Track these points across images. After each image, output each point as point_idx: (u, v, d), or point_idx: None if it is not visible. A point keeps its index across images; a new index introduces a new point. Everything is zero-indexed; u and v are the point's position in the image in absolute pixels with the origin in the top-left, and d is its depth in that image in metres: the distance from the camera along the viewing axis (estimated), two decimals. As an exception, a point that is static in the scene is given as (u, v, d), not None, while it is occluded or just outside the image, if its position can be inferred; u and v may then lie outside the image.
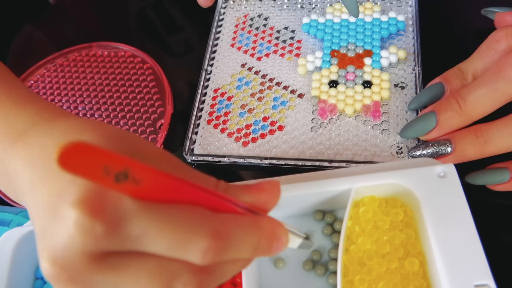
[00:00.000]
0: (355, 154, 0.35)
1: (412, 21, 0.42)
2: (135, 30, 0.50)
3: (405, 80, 0.38)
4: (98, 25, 0.52)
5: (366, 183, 0.29)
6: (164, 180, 0.19)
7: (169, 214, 0.19)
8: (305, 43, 0.43)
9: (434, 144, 0.32)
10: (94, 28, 0.52)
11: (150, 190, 0.18)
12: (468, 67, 0.33)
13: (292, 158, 0.36)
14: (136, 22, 0.51)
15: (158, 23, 0.50)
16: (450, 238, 0.26)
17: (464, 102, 0.30)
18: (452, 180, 0.27)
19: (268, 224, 0.22)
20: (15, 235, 0.31)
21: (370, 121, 0.37)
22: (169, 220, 0.19)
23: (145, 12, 0.52)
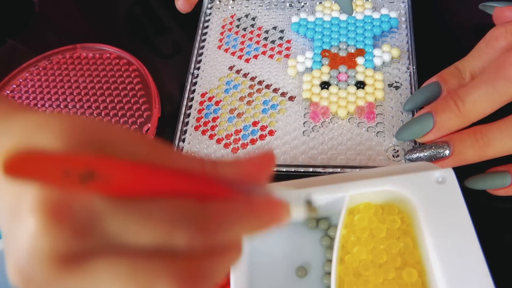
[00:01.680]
0: (350, 159, 0.35)
1: (405, 18, 0.41)
2: (121, 32, 0.49)
3: (400, 79, 0.38)
4: (83, 28, 0.51)
5: (361, 190, 0.28)
6: (139, 173, 0.17)
7: (148, 210, 0.17)
8: (295, 43, 0.42)
9: (432, 147, 0.31)
10: (79, 31, 0.51)
11: (124, 185, 0.17)
12: (465, 65, 0.32)
13: (284, 165, 0.35)
14: (122, 23, 0.50)
15: (145, 24, 0.49)
16: (450, 247, 0.25)
17: (462, 102, 0.29)
18: (451, 186, 0.27)
19: (266, 207, 0.20)
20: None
21: (364, 123, 0.36)
22: (149, 214, 0.17)
23: (131, 13, 0.51)
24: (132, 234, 0.17)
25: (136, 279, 0.17)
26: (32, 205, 0.16)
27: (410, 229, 0.29)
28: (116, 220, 0.17)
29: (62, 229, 0.16)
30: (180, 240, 0.18)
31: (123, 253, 0.17)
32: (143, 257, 0.18)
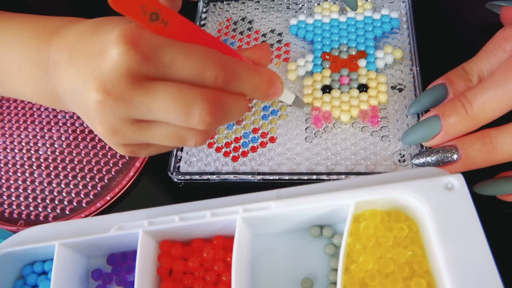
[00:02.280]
0: (355, 164, 0.34)
1: (406, 18, 0.40)
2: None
3: (403, 81, 0.37)
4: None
5: (367, 197, 0.28)
6: (186, 24, 0.25)
7: (190, 48, 0.24)
8: (294, 46, 0.41)
9: (439, 151, 0.31)
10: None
11: (175, 31, 0.24)
12: (473, 67, 0.31)
13: (286, 173, 0.34)
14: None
15: None
16: (460, 256, 0.24)
17: (470, 105, 0.29)
18: (461, 193, 0.26)
19: (267, 71, 0.27)
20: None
21: (368, 127, 0.35)
22: (190, 52, 0.24)
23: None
24: (178, 65, 0.24)
25: (181, 98, 0.24)
26: (117, 38, 0.24)
27: (418, 237, 0.28)
28: (170, 52, 0.24)
29: (136, 53, 0.23)
30: (210, 74, 0.25)
31: (173, 80, 0.25)
32: (185, 84, 0.24)
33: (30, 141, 0.40)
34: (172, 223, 0.28)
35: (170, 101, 0.24)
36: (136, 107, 0.24)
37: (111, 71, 0.24)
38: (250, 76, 0.26)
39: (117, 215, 0.30)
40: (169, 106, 0.24)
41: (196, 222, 0.28)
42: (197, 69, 0.24)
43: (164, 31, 0.24)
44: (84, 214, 0.36)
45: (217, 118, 0.25)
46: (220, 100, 0.25)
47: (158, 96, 0.24)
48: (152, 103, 0.24)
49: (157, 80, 0.25)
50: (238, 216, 0.28)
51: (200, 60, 0.24)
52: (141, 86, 0.24)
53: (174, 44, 0.24)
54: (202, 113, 0.24)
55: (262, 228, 0.30)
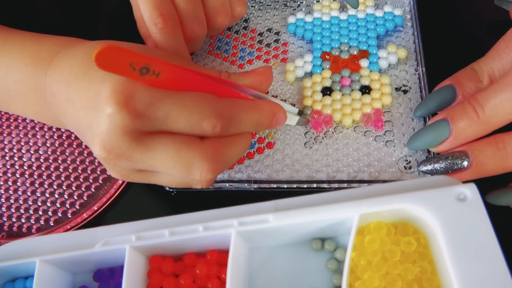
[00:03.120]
0: (358, 171, 0.32)
1: (410, 15, 0.38)
2: (105, 33, 0.46)
3: (408, 82, 0.35)
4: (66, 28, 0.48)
5: (372, 209, 0.26)
6: (178, 72, 0.25)
7: (185, 99, 0.25)
8: (292, 46, 0.39)
9: (448, 157, 0.29)
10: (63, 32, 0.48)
11: (168, 80, 0.24)
12: (483, 67, 0.29)
13: (285, 181, 0.33)
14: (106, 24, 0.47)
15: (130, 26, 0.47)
16: (474, 273, 0.23)
17: (482, 108, 0.27)
18: (475, 204, 0.24)
19: (267, 105, 0.28)
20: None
21: (372, 132, 0.33)
22: (185, 103, 0.25)
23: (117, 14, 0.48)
24: (173, 118, 0.25)
25: (180, 158, 0.25)
26: (108, 95, 0.24)
27: (428, 251, 0.26)
28: (163, 106, 0.24)
29: (128, 113, 0.24)
30: (207, 125, 0.25)
31: (170, 136, 0.25)
32: (183, 142, 0.25)
33: (14, 147, 0.38)
34: (161, 238, 0.27)
35: (169, 161, 0.25)
36: (138, 163, 0.26)
37: (108, 131, 0.24)
38: (249, 115, 0.27)
39: (103, 229, 0.29)
40: (169, 165, 0.25)
41: (188, 236, 0.26)
42: (193, 121, 0.25)
43: (156, 82, 0.24)
44: (70, 225, 0.34)
45: (218, 171, 0.26)
46: (219, 153, 0.26)
47: (157, 155, 0.25)
48: (152, 161, 0.25)
49: (156, 134, 0.25)
50: (232, 230, 0.26)
51: (195, 111, 0.25)
52: (140, 143, 0.25)
53: (168, 97, 0.25)
54: (202, 173, 0.26)
55: (259, 242, 0.28)
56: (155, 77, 0.24)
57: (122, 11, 0.48)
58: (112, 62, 0.22)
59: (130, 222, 0.29)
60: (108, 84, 0.24)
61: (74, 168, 0.36)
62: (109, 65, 0.22)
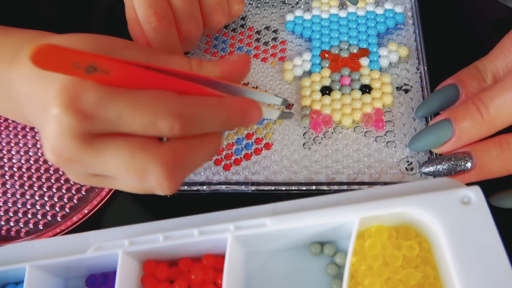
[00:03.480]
0: (358, 173, 0.31)
1: (411, 12, 0.38)
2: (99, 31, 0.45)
3: (409, 81, 0.34)
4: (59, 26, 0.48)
5: (373, 213, 0.25)
6: (130, 69, 0.23)
7: (138, 98, 0.23)
8: (290, 44, 0.38)
9: (451, 159, 0.28)
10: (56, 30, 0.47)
11: (120, 78, 0.23)
12: (487, 66, 0.29)
13: (283, 183, 0.32)
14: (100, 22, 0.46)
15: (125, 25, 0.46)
16: (478, 278, 0.22)
17: (486, 108, 0.26)
18: (479, 208, 0.23)
19: (236, 102, 0.25)
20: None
21: (372, 132, 0.33)
22: (138, 102, 0.23)
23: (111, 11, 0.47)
24: (126, 119, 0.22)
25: (133, 164, 0.23)
26: (54, 95, 0.22)
27: (430, 256, 0.25)
28: (114, 106, 0.22)
29: (74, 114, 0.22)
30: (163, 126, 0.23)
31: (122, 139, 0.23)
32: (137, 145, 0.23)
33: (3, 148, 0.38)
34: (155, 242, 0.26)
35: (122, 166, 0.23)
36: (89, 168, 0.24)
37: (56, 134, 0.23)
38: (215, 114, 0.24)
39: (95, 233, 0.28)
40: (121, 171, 0.23)
41: (183, 241, 0.26)
42: (148, 122, 0.23)
43: (108, 81, 0.22)
44: (60, 229, 0.33)
45: (177, 177, 0.24)
46: (178, 157, 0.24)
47: (109, 159, 0.23)
48: (104, 166, 0.23)
49: (109, 136, 0.23)
50: (229, 235, 0.25)
51: (149, 111, 0.23)
52: (90, 146, 0.23)
53: (119, 96, 0.22)
54: (158, 179, 0.23)
55: (256, 246, 0.27)
56: (104, 75, 0.22)
57: (116, 8, 0.47)
58: (52, 62, 0.21)
59: (123, 227, 0.28)
60: (55, 83, 0.23)
61: (66, 170, 0.35)
62: (49, 64, 0.21)
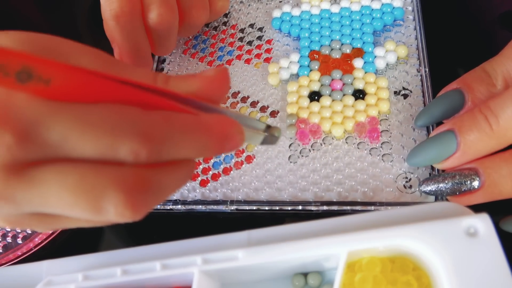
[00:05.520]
0: (349, 191, 0.28)
1: (412, 7, 0.34)
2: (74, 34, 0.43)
3: (409, 85, 0.31)
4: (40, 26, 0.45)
5: (362, 245, 0.22)
6: (80, 77, 0.18)
7: (90, 114, 0.18)
8: (277, 43, 0.35)
9: (455, 176, 0.25)
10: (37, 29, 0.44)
11: (64, 89, 0.17)
12: (497, 68, 0.25)
13: (266, 201, 0.29)
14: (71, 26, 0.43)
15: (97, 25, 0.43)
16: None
17: (496, 118, 0.23)
18: (487, 241, 0.20)
19: (218, 123, 0.20)
20: None
21: (366, 143, 0.29)
22: (90, 121, 0.18)
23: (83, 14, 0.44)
24: (74, 142, 0.18)
25: (84, 190, 0.18)
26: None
27: (431, 292, 0.22)
28: (56, 126, 0.17)
29: (3, 135, 0.17)
30: (125, 150, 0.18)
31: (69, 164, 0.18)
32: (89, 168, 0.18)
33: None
34: (112, 277, 0.23)
35: (68, 196, 0.18)
36: (23, 205, 0.18)
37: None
38: (191, 137, 0.19)
39: (49, 263, 0.25)
40: (68, 201, 0.18)
41: (143, 276, 0.23)
42: (104, 146, 0.18)
43: (47, 93, 0.17)
44: (21, 251, 0.30)
45: (142, 207, 0.19)
46: (145, 181, 0.19)
47: (49, 189, 0.18)
48: (43, 199, 0.18)
49: (45, 163, 0.18)
50: (195, 269, 0.22)
51: (106, 131, 0.18)
52: (22, 178, 0.18)
53: (64, 112, 0.17)
54: (118, 208, 0.18)
55: (230, 279, 0.24)
56: (43, 84, 0.17)
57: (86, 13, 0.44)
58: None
59: (79, 256, 0.25)
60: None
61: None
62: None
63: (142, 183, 0.19)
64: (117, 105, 0.18)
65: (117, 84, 0.19)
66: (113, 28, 0.28)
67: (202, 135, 0.20)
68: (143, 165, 0.19)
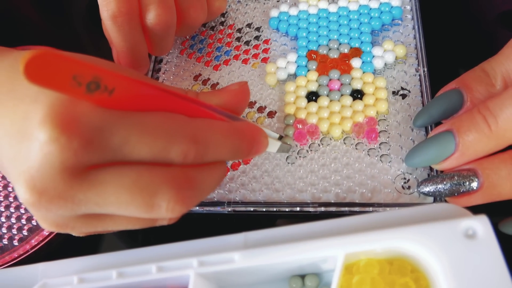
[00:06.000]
0: (347, 192, 0.28)
1: (410, 6, 0.34)
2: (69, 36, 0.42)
3: (407, 85, 0.31)
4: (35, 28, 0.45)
5: (359, 248, 0.22)
6: (138, 88, 0.20)
7: (147, 121, 0.20)
8: (274, 43, 0.35)
9: (454, 177, 0.25)
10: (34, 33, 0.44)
11: (124, 99, 0.19)
12: (496, 68, 0.25)
13: (263, 203, 0.28)
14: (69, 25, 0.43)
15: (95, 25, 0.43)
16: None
17: (494, 119, 0.23)
18: (486, 243, 0.20)
19: (248, 128, 0.23)
20: None
21: (365, 144, 0.29)
22: (147, 127, 0.20)
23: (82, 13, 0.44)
24: (133, 146, 0.20)
25: (140, 188, 0.20)
26: (42, 118, 0.18)
27: (429, 294, 0.22)
28: (119, 131, 0.19)
29: (71, 140, 0.18)
30: (175, 151, 0.20)
31: (126, 166, 0.20)
32: (144, 169, 0.20)
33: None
34: (107, 280, 0.23)
35: (125, 194, 0.20)
36: (81, 205, 0.20)
37: (40, 166, 0.19)
38: (228, 141, 0.22)
39: (44, 266, 0.25)
40: (125, 199, 0.20)
41: (139, 279, 0.22)
42: (159, 148, 0.20)
43: (109, 102, 0.19)
44: (17, 253, 0.30)
45: (189, 203, 0.21)
46: (191, 180, 0.21)
47: (108, 189, 0.20)
48: (102, 199, 0.20)
49: (104, 166, 0.20)
50: (191, 272, 0.22)
51: (161, 136, 0.20)
52: (84, 180, 0.19)
53: (124, 119, 0.19)
54: (170, 203, 0.20)
55: (227, 281, 0.24)
56: (107, 94, 0.18)
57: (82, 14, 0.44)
58: (48, 75, 0.16)
59: (74, 258, 0.25)
60: (42, 104, 0.19)
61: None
62: (44, 78, 0.16)
63: (189, 181, 0.21)
64: (167, 113, 0.21)
65: (165, 94, 0.21)
66: (110, 28, 0.28)
67: (236, 138, 0.22)
68: (189, 166, 0.21)
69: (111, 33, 0.28)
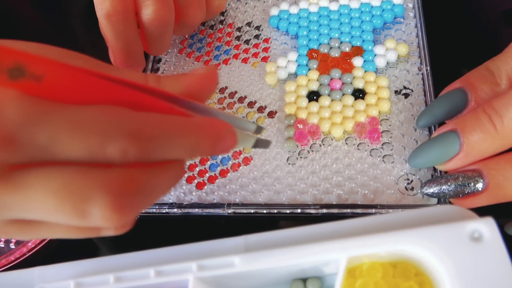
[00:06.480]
0: (349, 193, 0.27)
1: (412, 4, 0.33)
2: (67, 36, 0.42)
3: (410, 84, 0.30)
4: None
5: (362, 251, 0.21)
6: (72, 75, 0.17)
7: (81, 115, 0.17)
8: (275, 42, 0.34)
9: (458, 178, 0.24)
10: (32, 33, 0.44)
11: (56, 87, 0.17)
12: (501, 66, 0.25)
13: (264, 204, 0.28)
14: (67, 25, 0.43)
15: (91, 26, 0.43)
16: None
17: (500, 119, 0.22)
18: (492, 246, 0.19)
19: (209, 124, 0.20)
20: None
21: (367, 144, 0.29)
22: (81, 121, 0.17)
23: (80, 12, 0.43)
24: (63, 143, 0.17)
25: (70, 193, 0.17)
26: None
27: (434, 299, 0.21)
28: (46, 126, 0.17)
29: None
30: (114, 150, 0.18)
31: (55, 167, 0.18)
32: (76, 170, 0.18)
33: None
34: (105, 285, 0.22)
35: (52, 199, 0.17)
36: (4, 210, 0.18)
37: None
38: (182, 137, 0.19)
39: (41, 270, 0.24)
40: (52, 205, 0.17)
41: (136, 283, 0.22)
42: (94, 146, 0.17)
43: (38, 91, 0.17)
44: (14, 256, 0.30)
45: (130, 210, 0.18)
46: (133, 182, 0.18)
47: (33, 192, 0.17)
48: (27, 203, 0.18)
49: (31, 166, 0.18)
50: (190, 276, 0.21)
51: (96, 131, 0.17)
52: (6, 182, 0.17)
53: (54, 112, 0.17)
54: (104, 211, 0.17)
55: (225, 286, 0.24)
56: (34, 82, 0.16)
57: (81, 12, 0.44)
58: None
59: (71, 262, 0.24)
60: None
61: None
62: None
63: (129, 185, 0.18)
64: (107, 106, 0.18)
65: (109, 83, 0.18)
66: (105, 26, 0.28)
67: (193, 135, 0.19)
68: (131, 166, 0.19)
69: (105, 32, 0.28)
